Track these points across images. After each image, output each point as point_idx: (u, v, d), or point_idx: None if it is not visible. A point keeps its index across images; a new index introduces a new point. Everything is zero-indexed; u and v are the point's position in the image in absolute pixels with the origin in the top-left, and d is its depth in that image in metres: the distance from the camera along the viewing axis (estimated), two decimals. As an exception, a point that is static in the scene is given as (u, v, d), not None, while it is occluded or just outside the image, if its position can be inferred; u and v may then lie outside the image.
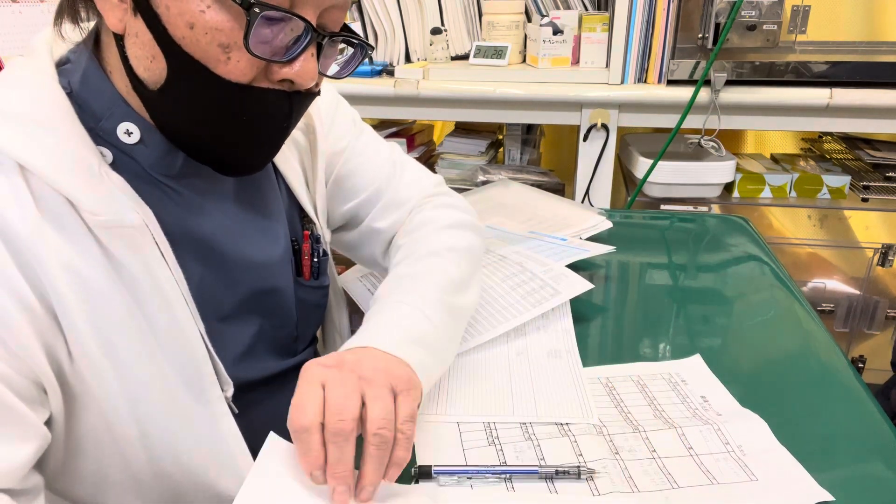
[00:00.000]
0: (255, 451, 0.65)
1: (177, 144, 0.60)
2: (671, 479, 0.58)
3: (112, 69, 0.58)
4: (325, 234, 0.80)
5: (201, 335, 0.61)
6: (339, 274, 0.96)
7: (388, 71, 1.70)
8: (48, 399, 0.57)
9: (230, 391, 0.64)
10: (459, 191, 1.23)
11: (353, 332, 0.89)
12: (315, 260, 0.76)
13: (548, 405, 0.69)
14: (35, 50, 0.60)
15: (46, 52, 0.60)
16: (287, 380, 0.77)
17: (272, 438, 0.58)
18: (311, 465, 0.53)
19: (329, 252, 0.80)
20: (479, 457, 0.62)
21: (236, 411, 0.65)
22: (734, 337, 0.85)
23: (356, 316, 1.07)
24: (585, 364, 0.76)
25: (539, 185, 1.54)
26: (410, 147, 1.86)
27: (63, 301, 0.54)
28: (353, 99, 1.67)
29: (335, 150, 0.81)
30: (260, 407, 0.73)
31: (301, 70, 0.55)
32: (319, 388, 0.55)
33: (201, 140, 0.59)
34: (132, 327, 0.58)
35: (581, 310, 0.87)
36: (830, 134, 1.89)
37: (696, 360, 0.77)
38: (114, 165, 0.58)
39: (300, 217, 0.77)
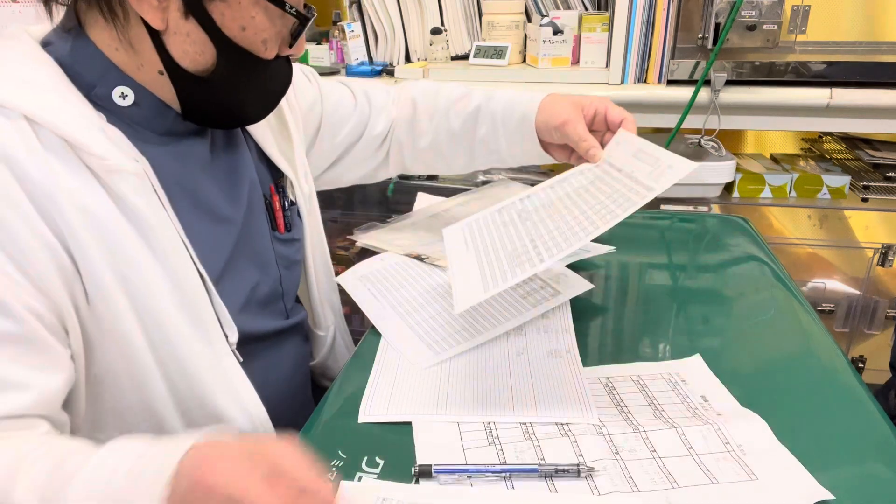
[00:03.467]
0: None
1: (193, 108, 0.69)
2: (671, 478, 0.58)
3: (106, 48, 0.64)
4: (303, 184, 0.87)
5: (201, 277, 0.67)
6: (338, 274, 0.96)
7: (388, 71, 1.70)
8: (69, 338, 0.60)
9: (234, 336, 0.70)
10: (459, 191, 1.23)
11: (348, 320, 0.95)
12: (286, 210, 0.84)
13: (548, 405, 0.69)
14: (14, 35, 0.64)
15: (27, 36, 0.64)
16: (282, 338, 0.83)
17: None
18: None
19: (298, 202, 0.86)
20: (479, 456, 0.62)
21: (241, 359, 0.71)
22: (734, 337, 0.85)
23: (356, 316, 1.07)
24: (585, 364, 0.76)
25: (539, 185, 1.54)
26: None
27: (79, 240, 0.59)
28: (353, 99, 1.67)
29: (308, 105, 0.92)
30: (260, 359, 0.77)
31: (300, 47, 0.72)
32: None
33: (228, 103, 0.70)
34: (144, 264, 0.63)
35: (581, 310, 0.87)
36: (830, 134, 1.89)
37: (696, 360, 0.77)
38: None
39: (270, 172, 0.83)
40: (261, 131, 0.82)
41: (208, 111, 0.70)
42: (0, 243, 0.56)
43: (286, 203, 0.84)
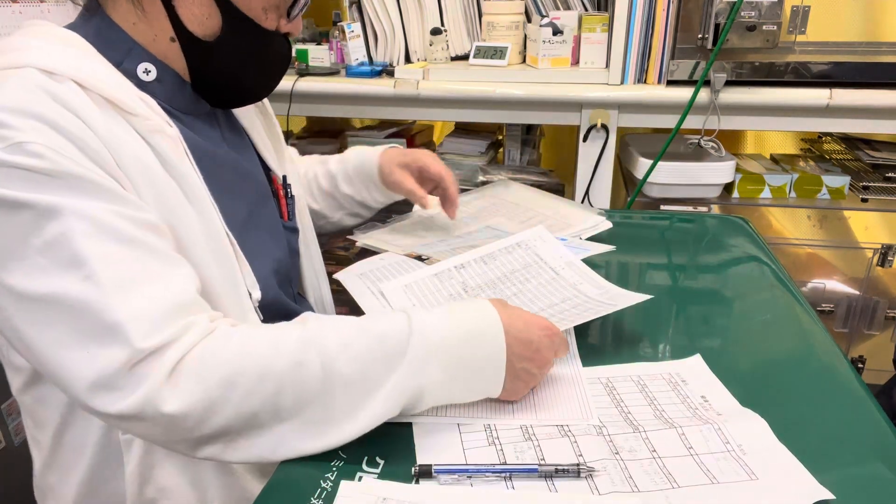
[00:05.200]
0: None
1: (201, 78, 0.73)
2: (671, 478, 0.58)
3: (125, 24, 0.69)
4: (293, 186, 0.93)
5: (228, 237, 0.72)
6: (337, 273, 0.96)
7: (388, 71, 1.70)
8: None
9: (256, 293, 0.75)
10: (459, 191, 1.23)
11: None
12: (288, 199, 0.90)
13: (547, 406, 0.69)
14: (38, 23, 0.68)
15: (50, 23, 0.68)
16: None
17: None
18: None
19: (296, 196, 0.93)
20: (479, 457, 0.62)
21: (262, 317, 0.75)
22: (734, 337, 0.85)
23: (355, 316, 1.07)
24: (585, 364, 0.76)
25: (539, 186, 1.54)
26: (411, 147, 1.86)
27: (138, 187, 0.64)
28: (353, 99, 1.69)
29: None
30: None
31: (298, 24, 0.78)
32: None
33: (232, 73, 0.74)
34: (187, 217, 0.67)
35: (581, 310, 0.87)
36: (830, 134, 1.89)
37: (696, 360, 0.77)
38: None
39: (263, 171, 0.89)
40: (253, 127, 0.88)
41: (215, 81, 0.75)
42: (100, 165, 0.61)
43: (288, 193, 0.90)
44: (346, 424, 0.61)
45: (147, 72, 0.70)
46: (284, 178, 0.90)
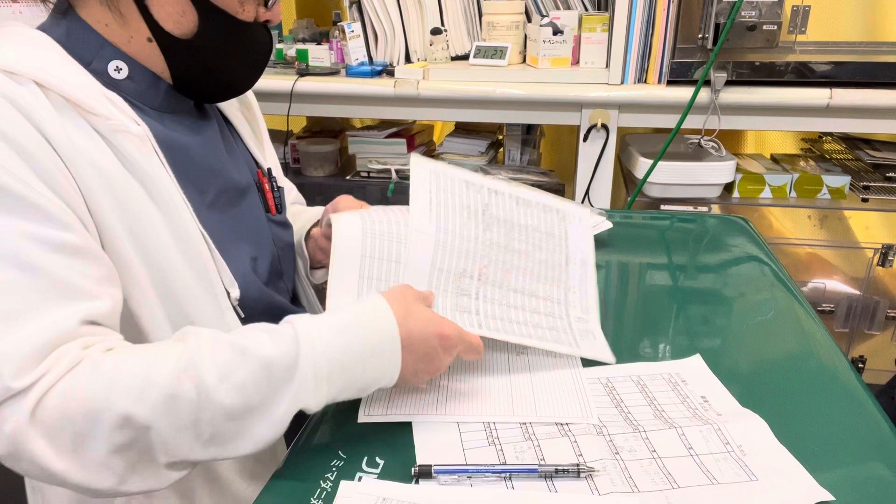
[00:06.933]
0: None
1: (182, 76, 0.72)
2: (671, 479, 0.58)
3: (97, 25, 0.68)
4: (279, 178, 0.91)
5: (202, 235, 0.70)
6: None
7: (388, 71, 1.70)
8: None
9: (235, 292, 0.73)
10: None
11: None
12: (275, 192, 0.88)
13: (547, 405, 0.69)
14: (7, 24, 0.67)
15: (21, 24, 0.67)
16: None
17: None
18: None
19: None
20: (479, 456, 0.62)
21: (242, 315, 0.74)
22: (734, 337, 0.85)
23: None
24: (585, 364, 0.76)
25: (539, 186, 1.54)
26: (410, 147, 1.86)
27: (94, 194, 0.62)
28: (353, 99, 1.69)
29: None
30: None
31: (277, 11, 0.75)
32: None
33: (213, 68, 0.73)
34: (152, 220, 0.66)
35: (581, 310, 0.87)
36: (830, 134, 1.89)
37: (696, 360, 0.77)
38: None
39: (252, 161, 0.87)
40: (239, 121, 0.87)
41: (197, 79, 0.73)
42: (39, 176, 0.58)
43: (275, 186, 0.88)
44: (236, 444, 0.59)
45: (118, 69, 0.69)
46: (269, 170, 0.88)
